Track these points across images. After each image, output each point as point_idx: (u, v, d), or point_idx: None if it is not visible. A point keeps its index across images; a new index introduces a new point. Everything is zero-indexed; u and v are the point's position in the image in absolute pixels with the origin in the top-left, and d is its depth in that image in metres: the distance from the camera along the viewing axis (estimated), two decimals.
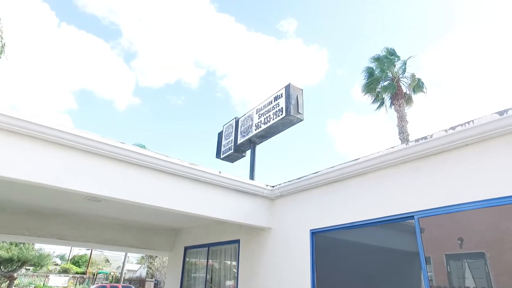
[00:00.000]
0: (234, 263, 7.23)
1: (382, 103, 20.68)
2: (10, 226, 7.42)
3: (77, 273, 37.88)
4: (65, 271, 38.33)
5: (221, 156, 10.42)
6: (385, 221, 4.50)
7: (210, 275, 7.98)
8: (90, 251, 39.46)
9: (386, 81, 20.22)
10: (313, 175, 5.53)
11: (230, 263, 7.55)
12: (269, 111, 8.70)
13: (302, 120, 8.31)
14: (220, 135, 10.87)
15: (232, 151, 9.94)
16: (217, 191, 5.70)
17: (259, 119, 9.02)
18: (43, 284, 31.89)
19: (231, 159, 10.37)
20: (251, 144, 9.38)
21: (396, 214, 4.37)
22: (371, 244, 4.90)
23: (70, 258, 45.49)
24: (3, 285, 24.70)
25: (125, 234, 8.96)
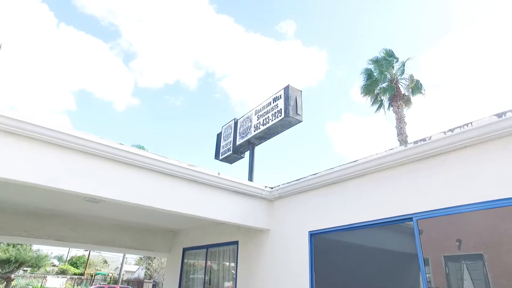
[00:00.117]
0: (233, 264, 7.22)
1: (381, 104, 20.71)
2: (8, 227, 7.39)
3: (75, 274, 37.76)
4: (63, 272, 38.20)
5: (220, 157, 10.42)
6: (384, 223, 4.50)
7: (208, 277, 7.97)
8: (88, 252, 39.35)
9: (384, 82, 20.27)
10: (312, 177, 5.53)
11: (229, 264, 7.54)
12: (268, 112, 8.70)
13: (301, 121, 8.31)
14: (219, 136, 10.87)
15: (231, 152, 9.93)
16: (215, 192, 5.69)
17: (258, 120, 9.02)
18: (41, 285, 31.73)
19: (230, 160, 10.36)
20: (250, 145, 9.37)
21: (394, 216, 4.37)
22: (370, 245, 4.90)
23: (68, 259, 45.33)
24: (0, 286, 24.60)
25: (123, 235, 8.93)
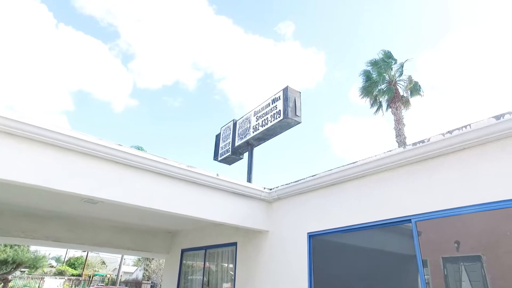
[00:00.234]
0: (231, 265, 7.22)
1: (380, 106, 20.75)
2: (6, 228, 7.37)
3: (72, 275, 37.58)
4: (60, 273, 38.01)
5: (219, 158, 10.41)
6: (383, 225, 4.51)
7: (207, 278, 7.95)
8: (86, 253, 39.22)
9: (383, 84, 20.31)
10: (310, 178, 5.53)
11: (227, 265, 7.53)
12: (267, 113, 8.70)
13: (300, 122, 8.32)
14: (217, 137, 10.86)
15: (230, 153, 9.93)
16: (214, 193, 5.68)
17: (256, 121, 9.02)
18: (38, 286, 31.55)
19: (228, 161, 10.36)
20: (249, 146, 9.36)
21: (393, 218, 4.37)
22: (369, 247, 4.90)
23: (66, 260, 45.16)
24: None
25: (121, 236, 8.91)
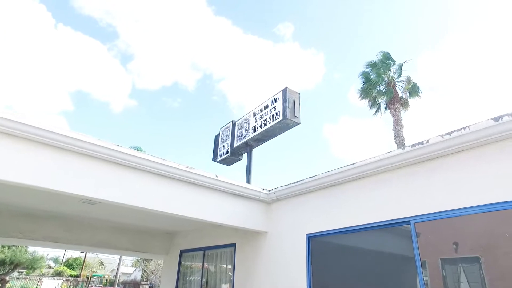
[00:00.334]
0: (230, 266, 7.21)
1: (379, 107, 20.78)
2: (3, 229, 7.33)
3: (70, 276, 37.44)
4: (58, 274, 37.89)
5: (218, 159, 10.41)
6: (382, 226, 4.51)
7: (205, 279, 7.94)
8: (84, 254, 39.10)
9: (382, 85, 20.33)
10: (309, 179, 5.53)
11: (226, 266, 7.52)
12: (266, 114, 8.71)
13: (299, 124, 8.32)
14: (216, 138, 10.85)
15: (229, 154, 9.92)
16: (213, 194, 5.68)
17: (255, 122, 9.02)
18: (36, 287, 31.47)
19: (227, 162, 10.35)
20: (248, 147, 9.36)
21: (392, 219, 4.37)
22: (368, 248, 4.90)
23: (64, 261, 45.02)
24: None
25: (120, 237, 8.89)
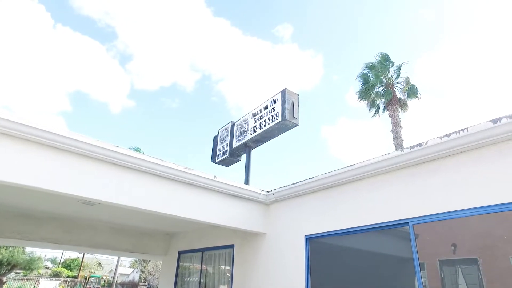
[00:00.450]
0: (228, 268, 7.20)
1: (378, 109, 20.79)
2: (1, 229, 7.31)
3: (68, 277, 37.33)
4: (56, 274, 37.76)
5: (216, 160, 10.40)
6: (380, 227, 4.51)
7: (204, 280, 7.93)
8: (82, 254, 38.97)
9: (380, 86, 20.36)
10: (308, 181, 5.53)
11: (224, 267, 7.51)
12: (264, 115, 8.71)
13: (298, 125, 8.33)
14: (215, 139, 10.85)
15: (227, 155, 9.93)
16: (212, 195, 5.67)
17: (254, 123, 9.03)
18: None
19: (226, 163, 10.35)
20: (247, 148, 9.37)
21: (391, 221, 4.38)
22: (366, 250, 4.91)
23: (62, 261, 44.86)
24: None
25: (118, 238, 8.87)
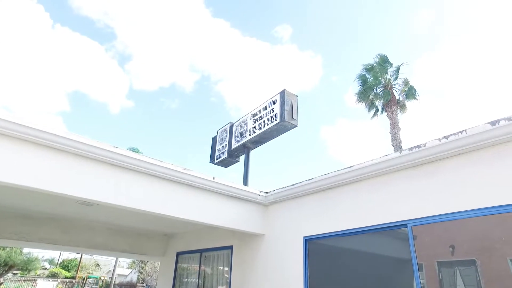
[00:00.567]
0: (227, 269, 7.19)
1: (376, 110, 20.84)
2: None
3: (66, 278, 37.21)
4: (53, 275, 37.61)
5: (215, 161, 10.40)
6: (379, 229, 4.51)
7: (202, 281, 7.91)
8: (80, 255, 38.86)
9: (379, 88, 20.40)
10: (307, 182, 5.53)
11: (223, 269, 7.50)
12: (263, 116, 8.72)
13: (297, 126, 8.34)
14: (214, 139, 10.85)
15: (226, 156, 9.92)
16: (210, 196, 5.67)
17: (253, 124, 9.02)
18: None
19: (225, 164, 10.35)
20: (245, 149, 9.36)
21: (389, 222, 4.38)
22: (365, 251, 4.91)
23: (59, 262, 44.71)
24: None
25: (117, 239, 8.85)
